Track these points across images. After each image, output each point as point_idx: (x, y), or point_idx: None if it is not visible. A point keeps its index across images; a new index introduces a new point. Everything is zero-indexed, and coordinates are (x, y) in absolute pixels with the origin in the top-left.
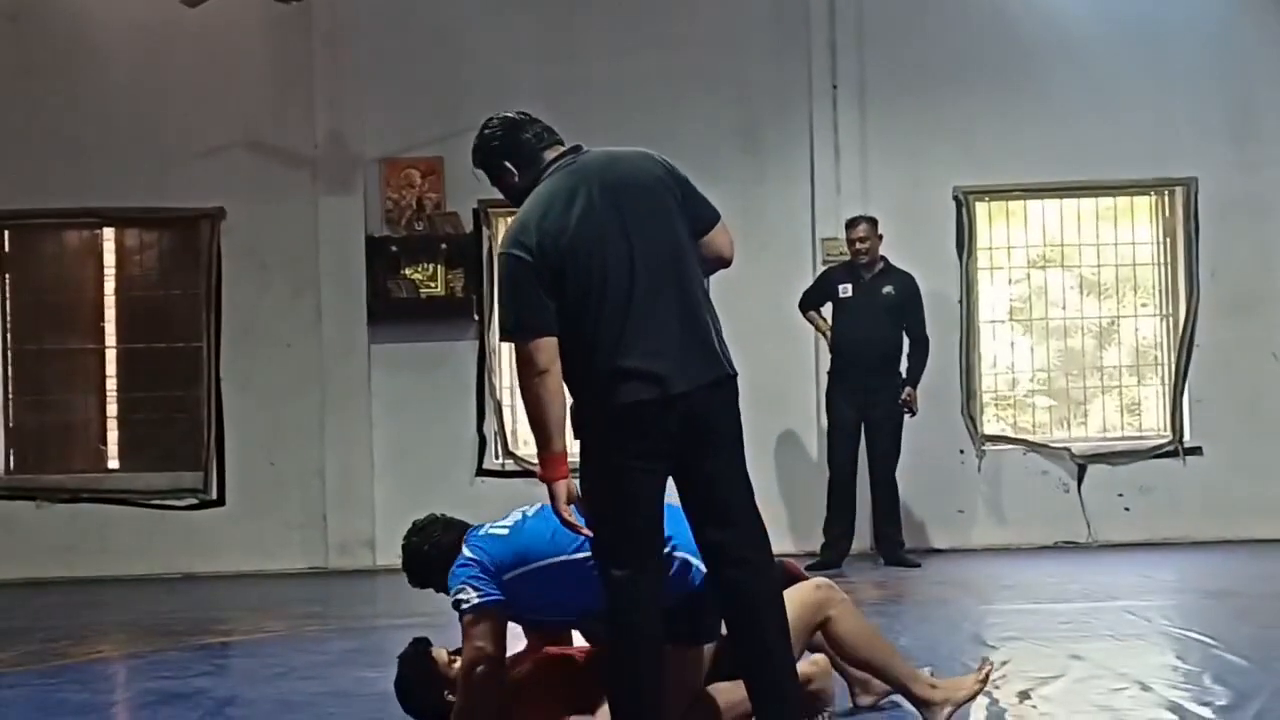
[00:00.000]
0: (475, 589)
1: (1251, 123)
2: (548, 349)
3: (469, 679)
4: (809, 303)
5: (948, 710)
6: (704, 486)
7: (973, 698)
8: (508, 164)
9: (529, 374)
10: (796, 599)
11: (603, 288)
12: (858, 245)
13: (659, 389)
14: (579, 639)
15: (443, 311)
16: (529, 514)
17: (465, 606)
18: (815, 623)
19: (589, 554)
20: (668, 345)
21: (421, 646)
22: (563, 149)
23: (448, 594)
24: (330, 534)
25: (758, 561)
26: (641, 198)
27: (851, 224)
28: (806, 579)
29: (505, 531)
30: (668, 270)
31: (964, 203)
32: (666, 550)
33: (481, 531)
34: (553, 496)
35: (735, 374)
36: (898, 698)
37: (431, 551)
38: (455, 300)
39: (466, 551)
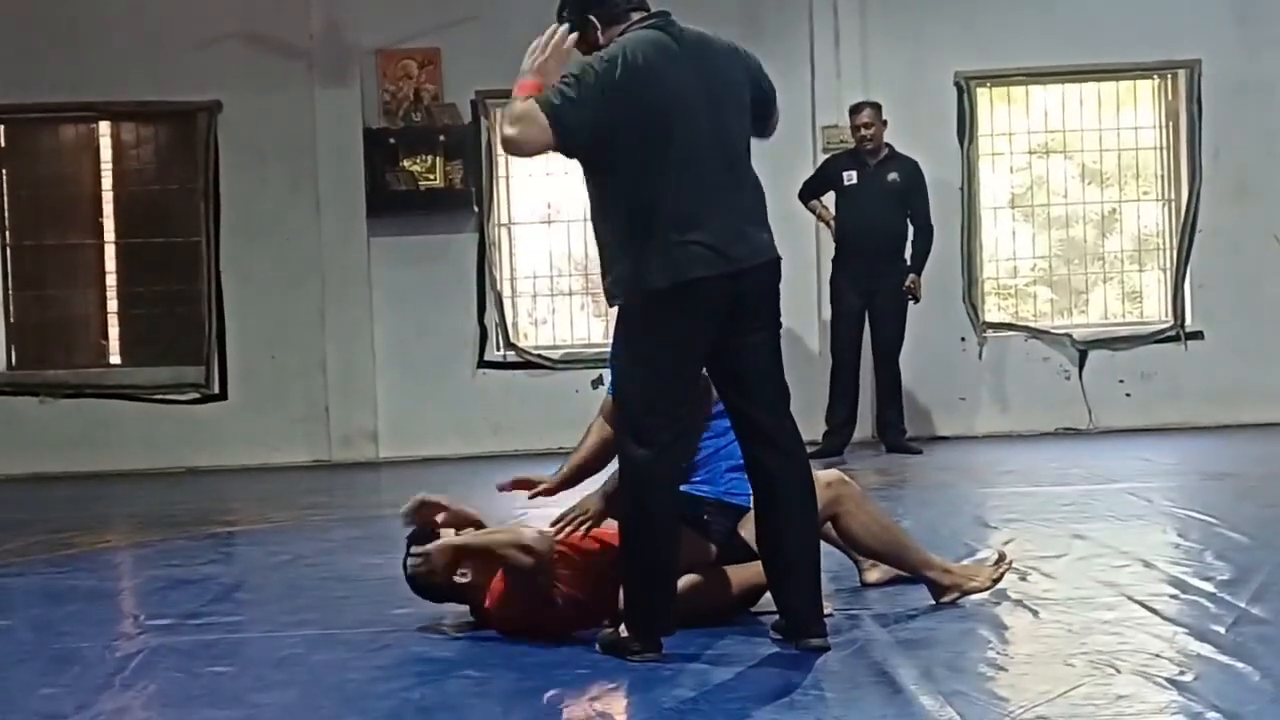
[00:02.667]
0: None
1: (1255, 3)
2: (543, 145)
3: None
4: (810, 191)
5: (955, 595)
6: (746, 361)
7: (983, 590)
8: (591, 17)
9: (517, 139)
10: None
11: (687, 150)
12: (862, 131)
13: (727, 264)
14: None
15: (442, 203)
16: None
17: None
18: (823, 519)
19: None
20: (739, 221)
21: (428, 529)
22: (649, 12)
23: None
24: (333, 427)
25: (795, 451)
26: (729, 80)
27: (855, 110)
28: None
29: None
30: (741, 153)
31: (965, 88)
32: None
33: None
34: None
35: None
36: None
37: None
38: (454, 192)
39: None
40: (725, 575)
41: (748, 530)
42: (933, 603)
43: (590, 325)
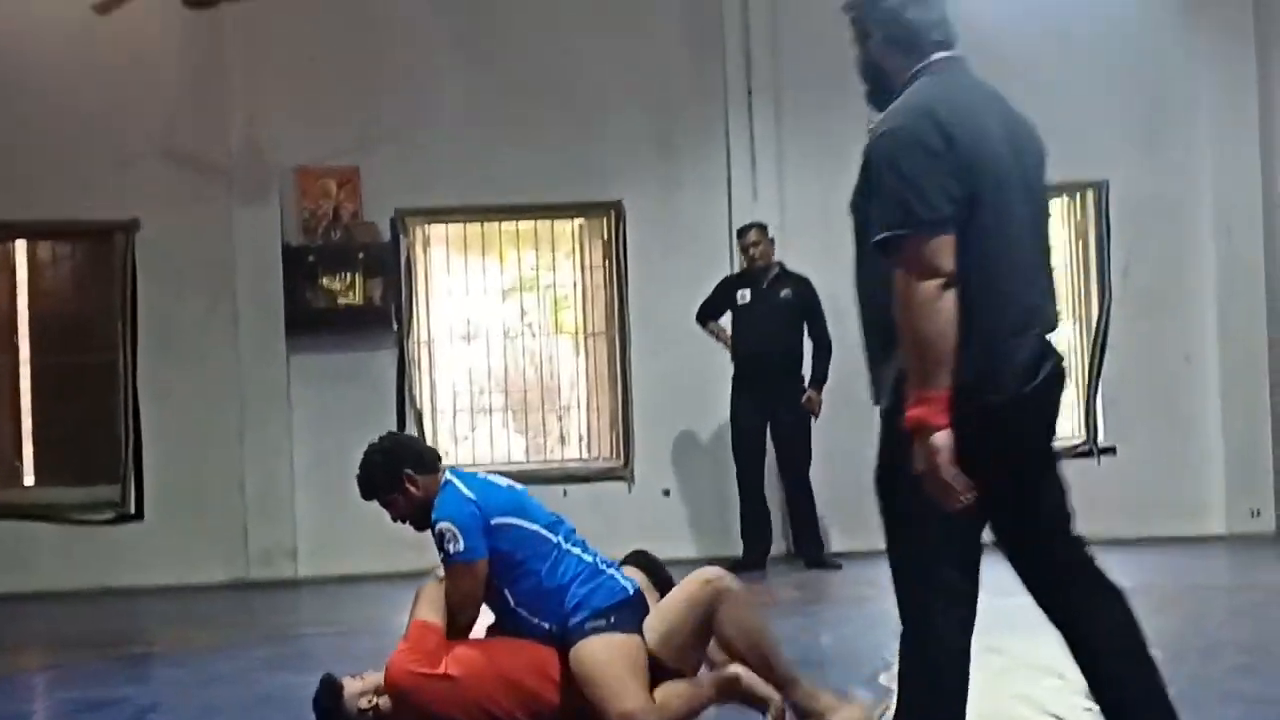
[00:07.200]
0: (467, 536)
1: (1162, 124)
2: (950, 249)
3: (454, 622)
4: (706, 313)
5: None
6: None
7: None
8: (895, 32)
9: (926, 288)
10: (685, 596)
11: (1013, 234)
12: (750, 251)
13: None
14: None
15: (361, 321)
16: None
17: (456, 554)
18: (702, 614)
19: (573, 545)
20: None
21: (331, 684)
22: (951, 54)
23: (406, 518)
24: (251, 544)
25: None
26: (1037, 163)
27: (742, 232)
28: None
29: (503, 482)
30: (1046, 246)
31: None
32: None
33: (478, 474)
34: (931, 449)
35: None
36: None
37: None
38: (374, 309)
39: (464, 489)
40: (673, 691)
41: (665, 649)
42: None
43: (511, 442)
